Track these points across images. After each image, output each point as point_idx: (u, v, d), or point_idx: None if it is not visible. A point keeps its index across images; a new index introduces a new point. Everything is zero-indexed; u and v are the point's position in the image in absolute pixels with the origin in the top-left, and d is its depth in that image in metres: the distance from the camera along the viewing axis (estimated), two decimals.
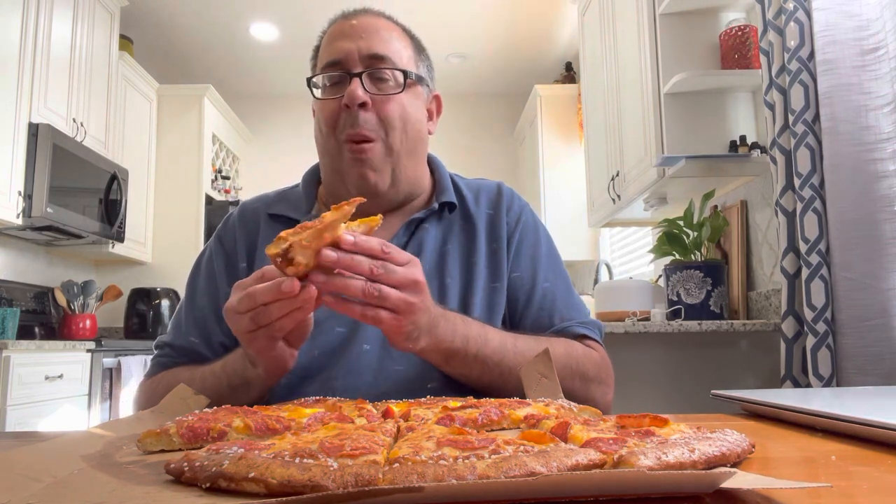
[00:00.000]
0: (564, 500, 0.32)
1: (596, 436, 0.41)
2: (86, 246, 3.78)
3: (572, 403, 0.60)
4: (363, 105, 0.91)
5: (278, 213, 1.02)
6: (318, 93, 0.97)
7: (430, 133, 1.03)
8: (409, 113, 0.95)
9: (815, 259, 1.60)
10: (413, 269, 0.68)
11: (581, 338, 0.97)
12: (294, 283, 0.63)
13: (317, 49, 1.02)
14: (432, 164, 1.07)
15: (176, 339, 0.96)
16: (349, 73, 0.92)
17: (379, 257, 0.65)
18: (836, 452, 0.47)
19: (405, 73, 0.95)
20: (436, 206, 0.99)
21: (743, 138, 2.31)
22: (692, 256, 2.30)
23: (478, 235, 0.99)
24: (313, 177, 1.08)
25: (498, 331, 0.86)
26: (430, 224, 0.99)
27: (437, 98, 1.07)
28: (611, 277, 3.78)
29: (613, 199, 2.98)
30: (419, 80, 0.99)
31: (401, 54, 0.97)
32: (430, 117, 1.04)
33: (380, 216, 0.67)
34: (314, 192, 1.06)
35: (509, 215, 1.02)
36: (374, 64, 0.93)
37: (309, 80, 0.98)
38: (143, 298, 4.14)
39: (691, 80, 2.30)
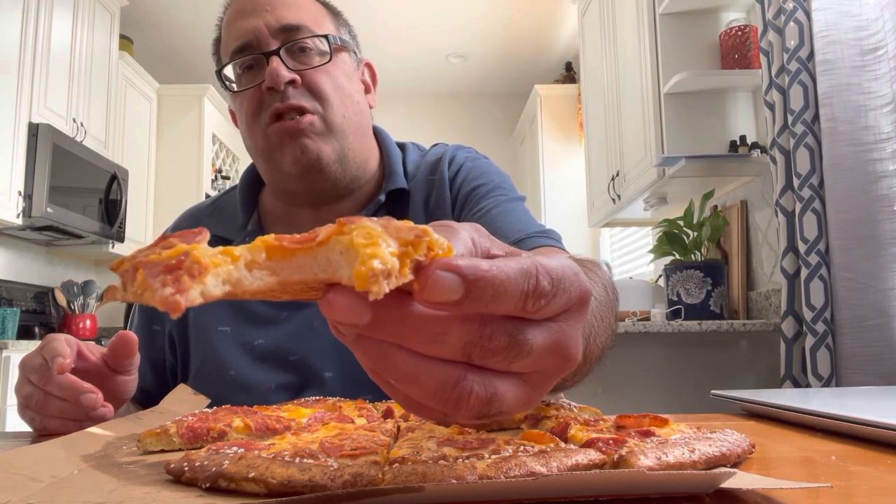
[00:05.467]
0: (564, 500, 0.32)
1: (596, 436, 0.41)
2: (86, 246, 3.77)
3: (572, 403, 0.59)
4: (291, 83, 0.80)
5: (210, 231, 0.93)
6: (234, 88, 0.85)
7: (371, 107, 0.92)
8: (343, 84, 0.84)
9: (814, 259, 1.60)
10: (567, 268, 0.30)
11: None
12: (97, 400, 0.59)
13: (218, 40, 0.90)
14: (380, 139, 0.95)
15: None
16: (264, 52, 0.81)
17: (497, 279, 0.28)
18: (836, 452, 0.47)
19: (328, 39, 0.83)
20: (382, 198, 0.88)
21: (743, 138, 2.31)
22: (692, 256, 2.30)
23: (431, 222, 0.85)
24: (253, 177, 0.95)
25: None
26: None
27: (369, 66, 0.95)
28: (611, 277, 3.78)
29: (613, 199, 2.98)
30: (344, 45, 0.87)
31: (317, 20, 0.85)
32: (368, 89, 0.93)
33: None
34: (254, 197, 0.95)
35: (452, 188, 0.90)
36: (290, 36, 0.81)
37: (219, 74, 0.85)
38: None
39: (691, 80, 2.30)
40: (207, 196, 4.55)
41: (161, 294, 0.24)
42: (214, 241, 0.26)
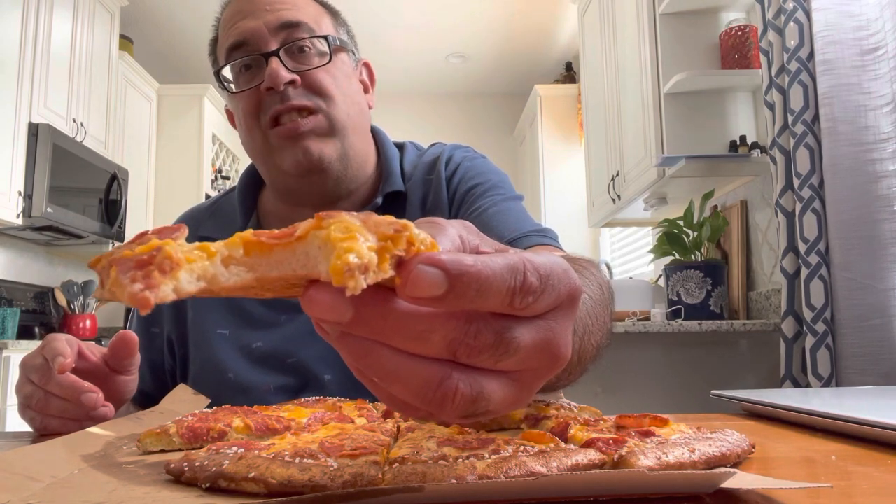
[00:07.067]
0: (564, 500, 0.32)
1: (596, 436, 0.41)
2: (86, 246, 3.77)
3: (572, 403, 0.59)
4: (291, 84, 0.79)
5: (208, 234, 0.90)
6: (232, 88, 0.84)
7: (370, 107, 0.92)
8: (343, 84, 0.84)
9: (814, 259, 1.60)
10: (556, 264, 0.29)
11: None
12: (97, 399, 0.59)
13: (214, 40, 0.89)
14: (377, 139, 0.95)
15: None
16: (263, 53, 0.80)
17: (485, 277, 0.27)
18: (836, 452, 0.47)
19: (327, 40, 0.83)
20: (379, 200, 0.88)
21: (743, 138, 2.31)
22: (692, 256, 2.30)
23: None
24: (252, 178, 0.96)
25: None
26: None
27: (367, 66, 0.94)
28: (611, 277, 3.78)
29: (613, 199, 2.98)
30: (343, 45, 0.87)
31: (316, 20, 0.84)
32: (366, 89, 0.93)
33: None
34: (253, 198, 0.95)
35: (450, 187, 0.90)
36: (290, 36, 0.81)
37: (218, 74, 0.85)
38: None
39: (691, 80, 2.30)
40: (208, 196, 4.55)
41: (130, 290, 0.23)
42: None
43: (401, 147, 0.98)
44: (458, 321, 0.27)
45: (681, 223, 2.28)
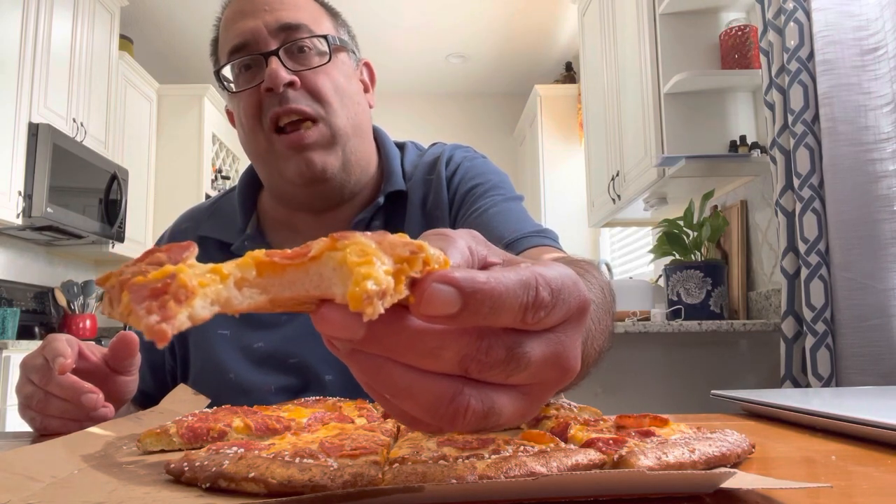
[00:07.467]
0: (564, 500, 0.32)
1: (596, 436, 0.41)
2: (86, 246, 3.77)
3: (572, 403, 0.59)
4: (290, 85, 0.79)
5: (208, 234, 0.91)
6: (232, 88, 0.84)
7: (370, 107, 0.92)
8: (343, 85, 0.84)
9: (814, 259, 1.60)
10: (567, 277, 0.29)
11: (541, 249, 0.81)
12: (97, 400, 0.59)
13: (215, 40, 0.89)
14: (378, 139, 0.95)
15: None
16: (263, 53, 0.80)
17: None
18: (836, 452, 0.47)
19: (327, 39, 0.83)
20: (381, 201, 0.88)
21: (743, 138, 2.31)
22: (692, 256, 2.30)
23: (429, 222, 0.87)
24: (252, 179, 0.95)
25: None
26: (378, 221, 0.89)
27: (367, 66, 0.94)
28: (611, 277, 3.78)
29: (613, 199, 2.98)
30: (343, 45, 0.87)
31: (316, 20, 0.84)
32: (367, 89, 0.92)
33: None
34: (253, 199, 0.95)
35: (450, 187, 0.90)
36: (290, 36, 0.81)
37: (218, 74, 0.85)
38: None
39: (691, 80, 2.30)
40: (208, 196, 4.55)
41: (146, 322, 0.23)
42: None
43: (401, 147, 0.98)
44: (470, 337, 0.27)
45: (681, 223, 2.28)
